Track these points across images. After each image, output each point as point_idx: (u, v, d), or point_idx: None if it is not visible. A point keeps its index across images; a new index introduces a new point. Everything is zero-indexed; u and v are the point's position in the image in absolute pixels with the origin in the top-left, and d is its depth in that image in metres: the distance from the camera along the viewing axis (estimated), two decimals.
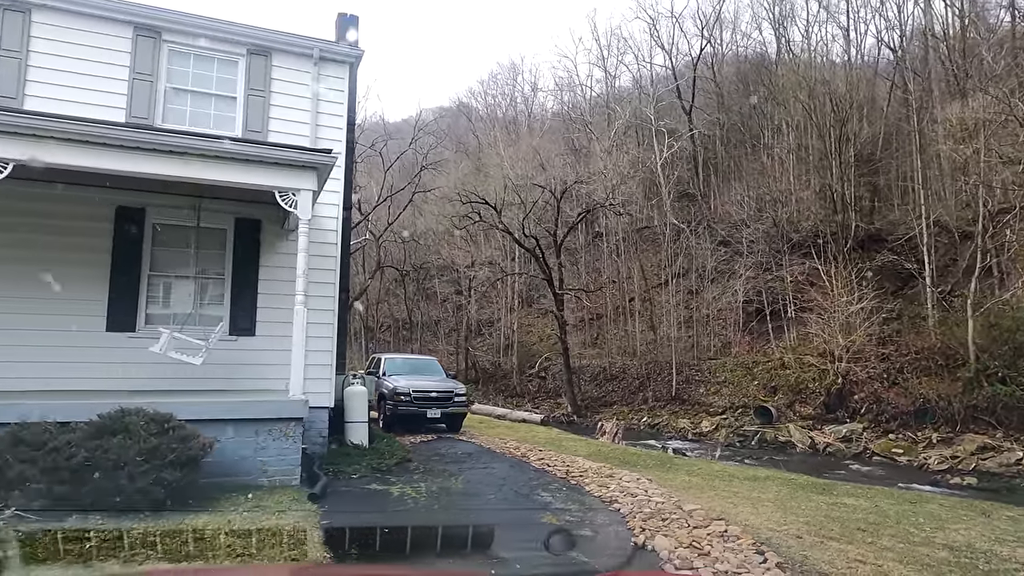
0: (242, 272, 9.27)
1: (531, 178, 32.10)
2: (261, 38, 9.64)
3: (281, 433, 7.01)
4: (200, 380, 8.49)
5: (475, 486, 7.78)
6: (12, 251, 8.08)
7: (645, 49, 56.39)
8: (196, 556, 4.30)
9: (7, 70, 8.45)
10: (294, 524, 5.26)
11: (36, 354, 7.97)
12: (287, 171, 7.34)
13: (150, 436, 5.73)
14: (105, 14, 8.87)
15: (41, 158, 6.59)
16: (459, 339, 38.53)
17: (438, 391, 14.06)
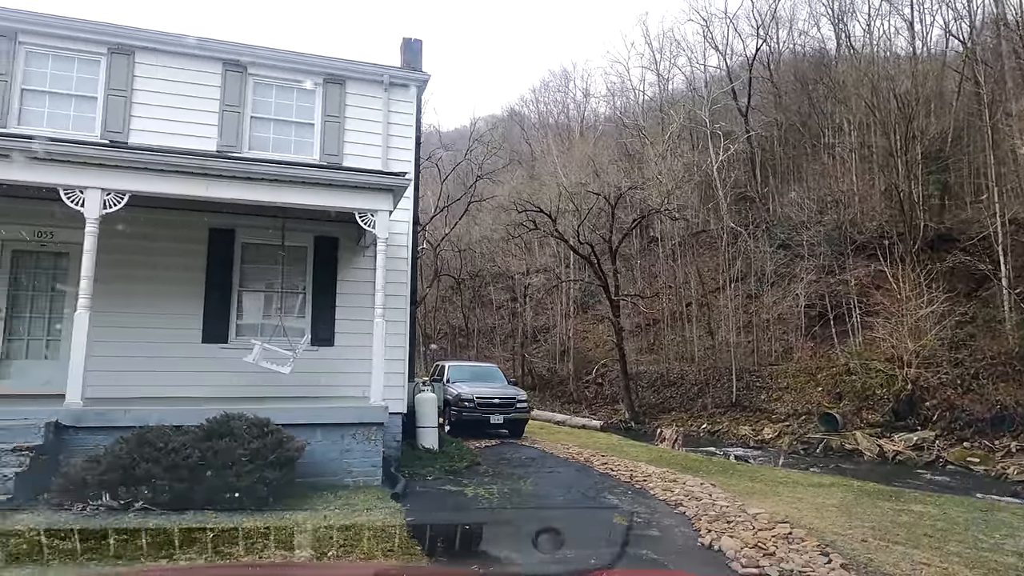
0: (321, 286, 9.95)
1: (585, 185, 32.30)
2: (336, 67, 10.33)
3: (364, 437, 7.57)
4: (285, 387, 9.15)
5: (543, 488, 8.15)
6: (123, 271, 8.92)
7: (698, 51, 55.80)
8: (304, 547, 4.82)
9: (115, 108, 9.37)
10: (383, 520, 5.75)
11: (143, 364, 8.80)
12: (366, 193, 7.92)
13: (253, 439, 6.35)
14: (199, 53, 9.72)
15: (151, 189, 7.37)
16: (515, 345, 38.98)
17: (500, 397, 14.50)
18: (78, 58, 9.50)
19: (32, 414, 6.65)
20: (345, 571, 3.27)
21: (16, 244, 9.04)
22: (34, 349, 9.07)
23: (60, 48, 9.47)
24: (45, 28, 9.36)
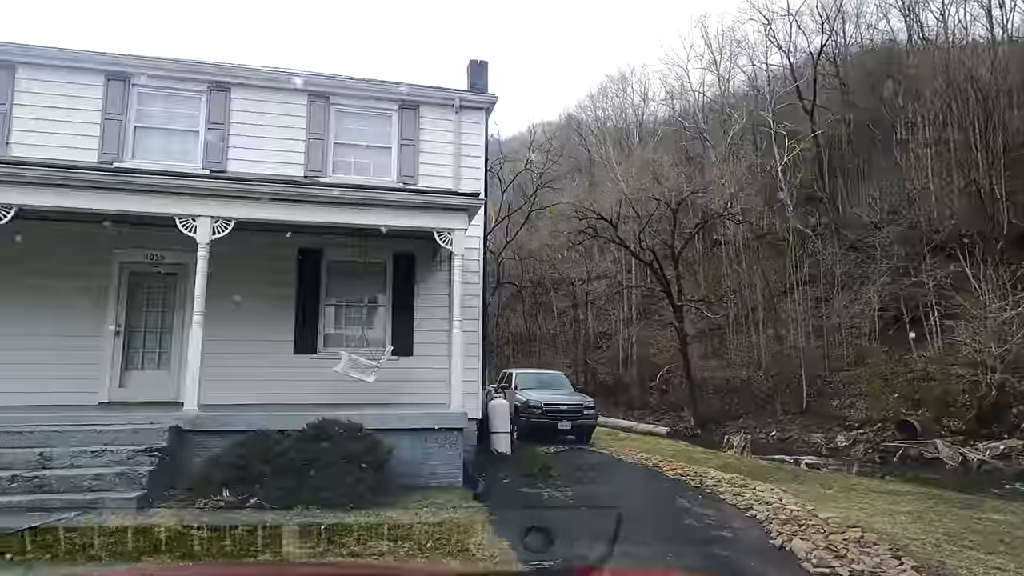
0: (400, 300, 10.61)
1: (645, 191, 32.29)
2: (410, 93, 11.01)
3: (446, 441, 8.11)
4: (368, 395, 9.81)
5: (615, 491, 8.49)
6: (225, 289, 9.77)
7: (760, 50, 54.62)
8: (404, 538, 5.34)
9: (215, 140, 10.31)
10: (469, 517, 6.24)
11: (243, 374, 9.62)
12: (443, 214, 8.49)
13: (349, 442, 6.96)
14: (288, 86, 10.58)
15: (253, 215, 8.15)
16: (577, 352, 39.18)
17: (568, 404, 14.87)
18: (181, 96, 10.51)
19: (157, 419, 7.47)
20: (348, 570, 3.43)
21: (132, 267, 10.06)
22: (148, 360, 10.07)
23: (165, 88, 10.51)
24: (153, 70, 10.41)
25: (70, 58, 10.32)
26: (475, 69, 12.95)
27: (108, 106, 10.16)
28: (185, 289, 10.02)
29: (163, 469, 6.86)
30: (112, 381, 9.69)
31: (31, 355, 9.02)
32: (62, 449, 6.77)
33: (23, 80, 10.08)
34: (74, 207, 7.88)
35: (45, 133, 9.88)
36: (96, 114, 10.13)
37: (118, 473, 6.57)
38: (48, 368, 9.17)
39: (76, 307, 9.60)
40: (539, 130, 48.57)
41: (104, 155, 10.01)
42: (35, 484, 6.37)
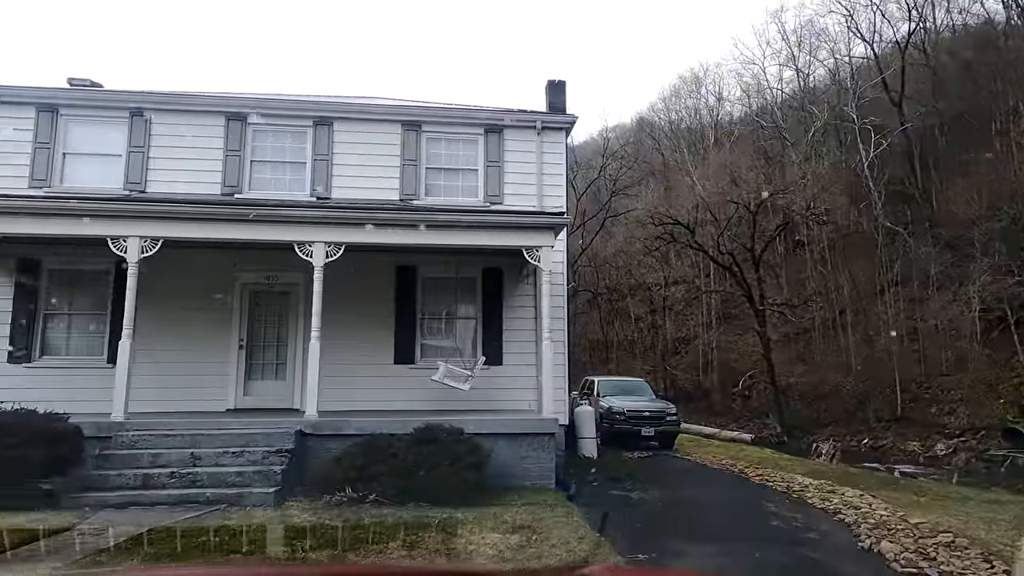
0: (489, 312, 11.28)
1: (723, 194, 31.86)
2: (495, 118, 11.71)
3: (539, 445, 8.66)
4: (462, 401, 10.48)
5: (701, 494, 8.78)
6: (333, 305, 10.73)
7: (841, 42, 52.63)
8: (511, 531, 5.92)
9: (320, 170, 11.35)
10: (565, 515, 6.75)
11: (349, 383, 10.50)
12: (531, 232, 9.08)
13: (452, 445, 7.63)
14: (384, 117, 11.52)
15: (359, 240, 9.00)
16: (656, 358, 38.94)
17: (651, 411, 15.13)
18: (290, 131, 11.62)
19: (283, 424, 8.42)
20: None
21: (251, 287, 11.21)
22: (267, 371, 11.16)
23: (276, 125, 11.65)
24: (265, 109, 11.58)
25: (195, 103, 11.64)
26: (553, 88, 13.54)
27: (228, 144, 11.38)
28: (297, 305, 11.08)
29: (292, 468, 7.75)
30: (238, 390, 10.83)
31: (172, 367, 10.23)
32: (208, 450, 7.78)
33: (156, 124, 11.44)
34: (209, 237, 8.99)
35: (176, 171, 11.18)
36: (219, 151, 11.36)
37: (255, 471, 7.50)
38: (185, 379, 10.39)
39: (206, 324, 10.82)
40: (610, 134, 48.53)
41: (226, 188, 11.21)
42: (189, 480, 7.38)
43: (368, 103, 11.94)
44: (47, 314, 10.92)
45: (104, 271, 10.77)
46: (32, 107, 11.30)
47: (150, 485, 7.26)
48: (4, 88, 11.32)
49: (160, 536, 5.35)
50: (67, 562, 4.67)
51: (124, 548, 5.01)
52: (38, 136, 11.22)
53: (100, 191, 10.89)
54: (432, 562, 4.86)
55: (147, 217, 8.69)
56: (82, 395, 9.32)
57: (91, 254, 10.23)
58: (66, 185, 11.09)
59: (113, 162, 11.28)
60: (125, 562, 4.65)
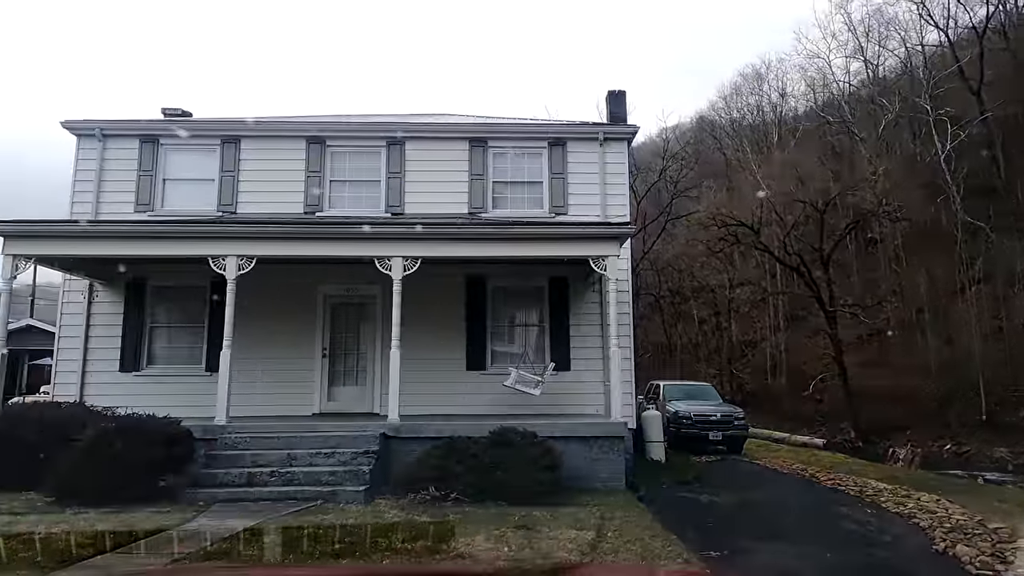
0: (556, 319, 11.67)
1: (789, 193, 31.17)
2: (558, 131, 12.11)
3: (609, 448, 8.97)
4: (531, 406, 10.85)
5: (771, 497, 8.88)
6: (406, 315, 11.35)
7: (913, 30, 50.42)
8: (586, 528, 6.26)
9: (394, 187, 12.02)
10: (638, 516, 7.04)
11: (424, 388, 11.05)
12: (597, 243, 9.42)
13: (526, 448, 8.04)
14: (451, 135, 12.10)
15: (432, 253, 9.55)
16: (721, 361, 38.33)
17: (718, 415, 15.15)
18: (365, 151, 12.35)
19: (367, 427, 9.03)
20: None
21: (332, 298, 11.96)
22: (348, 377, 11.88)
23: (353, 145, 12.40)
24: (343, 132, 12.36)
25: (279, 129, 12.53)
26: (613, 99, 13.86)
27: (309, 165, 12.20)
28: (374, 315, 11.75)
29: (378, 468, 8.33)
30: (322, 395, 11.58)
31: (269, 375, 11.06)
32: (302, 451, 8.45)
33: (245, 150, 12.38)
34: (297, 254, 9.74)
35: (263, 192, 12.08)
36: (300, 173, 12.20)
37: (346, 471, 8.11)
38: (274, 385, 11.22)
39: (292, 335, 11.63)
40: (669, 133, 47.96)
41: (308, 207, 12.03)
42: (287, 478, 8.05)
43: (436, 122, 12.55)
44: (152, 327, 11.97)
45: (200, 287, 11.73)
46: (136, 139, 12.43)
47: (254, 483, 7.97)
48: (112, 123, 12.50)
49: (273, 528, 5.97)
50: (197, 549, 5.31)
51: (244, 538, 5.63)
52: (141, 164, 12.33)
53: (196, 213, 11.88)
54: (518, 552, 5.26)
55: (243, 237, 9.49)
56: (183, 400, 10.20)
57: (189, 272, 11.19)
58: (166, 208, 12.15)
59: (207, 186, 12.27)
60: (248, 550, 5.26)
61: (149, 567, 4.72)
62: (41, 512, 6.97)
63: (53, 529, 5.97)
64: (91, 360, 11.73)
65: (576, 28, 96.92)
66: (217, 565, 4.76)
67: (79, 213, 12.01)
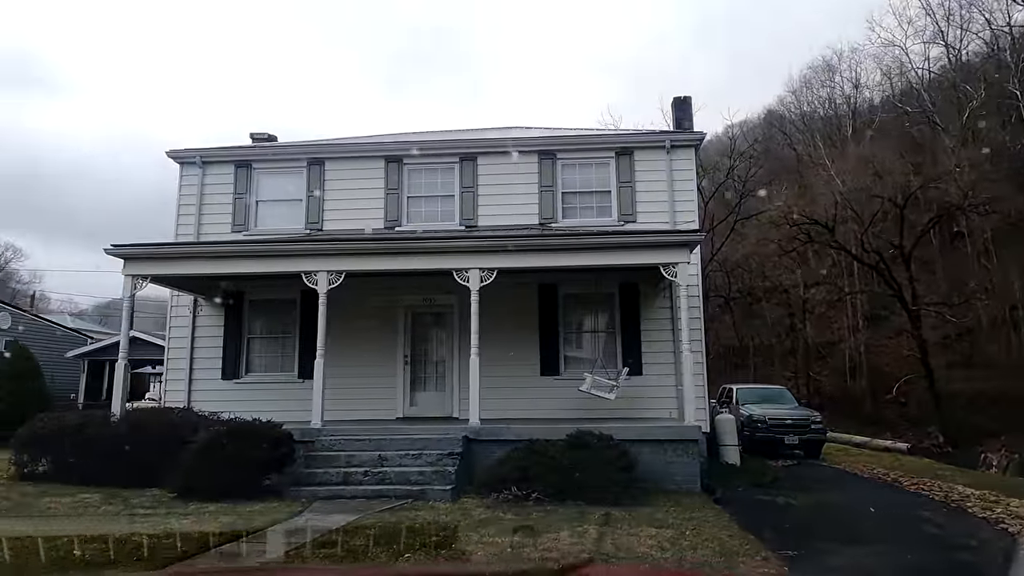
0: (627, 325, 11.93)
1: (866, 188, 30.07)
2: (625, 140, 12.40)
3: (683, 451, 9.18)
4: (604, 410, 11.13)
5: (850, 501, 8.85)
6: (485, 321, 11.84)
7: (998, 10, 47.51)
8: (664, 527, 6.54)
9: (467, 201, 12.59)
10: (715, 516, 7.25)
11: (501, 393, 11.51)
12: (667, 250, 9.66)
13: (602, 450, 8.36)
14: (521, 148, 12.57)
15: (507, 264, 10.01)
16: (796, 363, 37.24)
17: (794, 418, 14.96)
18: (439, 168, 12.99)
19: (450, 431, 9.57)
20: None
21: (412, 308, 12.62)
22: (428, 383, 12.51)
23: (428, 163, 13.06)
24: (418, 150, 13.02)
25: (359, 149, 13.35)
26: (679, 105, 14.01)
27: (388, 183, 12.94)
28: (452, 323, 12.34)
29: (461, 469, 8.83)
30: (404, 400, 12.25)
31: (349, 381, 11.78)
32: (391, 452, 9.06)
33: (329, 171, 13.25)
34: (381, 268, 10.41)
35: (347, 210, 12.90)
36: (380, 190, 12.95)
37: (433, 471, 8.66)
38: (360, 391, 11.95)
39: (375, 343, 12.35)
40: (736, 130, 46.88)
41: (388, 222, 12.75)
42: (379, 478, 8.67)
43: (506, 137, 13.06)
44: (249, 338, 12.96)
45: (291, 300, 12.64)
46: (231, 164, 13.50)
47: (349, 481, 8.62)
48: (210, 151, 13.62)
49: (374, 522, 6.55)
50: (311, 540, 5.93)
51: (349, 531, 6.22)
52: (236, 188, 13.38)
53: (287, 231, 12.82)
54: (601, 547, 5.61)
55: (332, 254, 10.23)
56: (278, 405, 11.00)
57: (280, 286, 12.12)
58: (260, 228, 13.14)
59: (295, 205, 13.21)
60: (355, 541, 5.82)
61: (274, 554, 5.33)
62: (168, 506, 7.81)
63: (185, 521, 6.75)
64: (196, 369, 12.82)
65: (639, 24, 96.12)
66: (330, 553, 5.33)
67: (183, 235, 13.18)
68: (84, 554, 5.09)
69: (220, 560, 5.19)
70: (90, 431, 9.64)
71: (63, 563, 4.85)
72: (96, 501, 8.15)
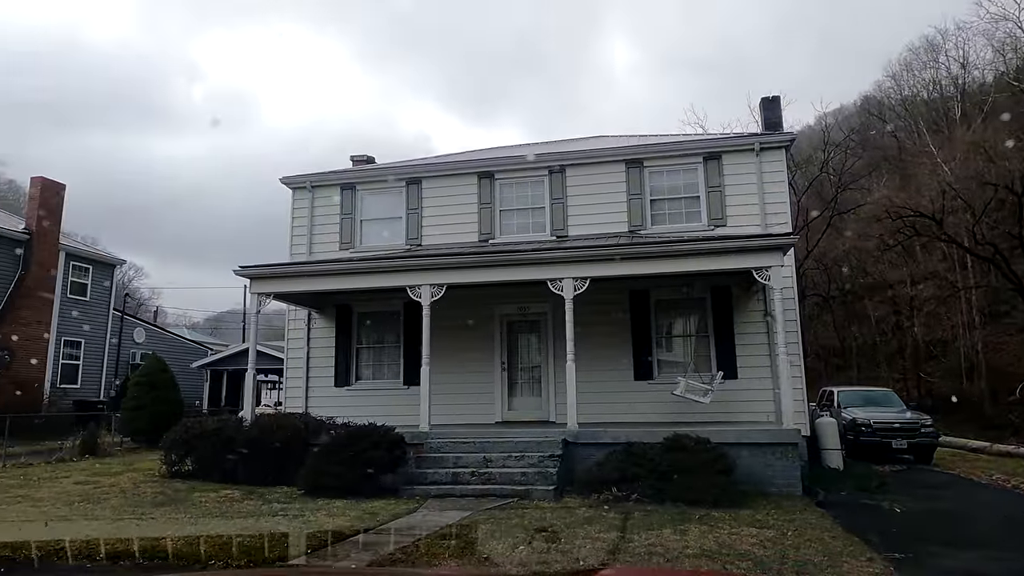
0: (721, 329, 11.98)
1: (977, 175, 28.12)
2: (712, 145, 12.48)
3: (782, 455, 9.20)
4: (698, 414, 11.24)
5: (963, 506, 8.57)
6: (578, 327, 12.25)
7: None
8: (766, 527, 6.69)
9: (557, 212, 13.05)
10: (817, 519, 7.29)
11: (595, 397, 11.85)
12: (760, 254, 9.71)
13: (700, 453, 8.55)
14: (609, 159, 12.91)
15: (598, 273, 10.35)
16: (904, 364, 35.20)
17: (901, 422, 14.40)
18: (529, 181, 13.52)
19: (549, 434, 10.02)
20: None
21: (507, 316, 13.20)
22: (524, 388, 13.03)
23: (517, 176, 13.63)
24: (508, 165, 13.63)
25: (454, 167, 14.10)
26: (768, 104, 13.90)
27: (481, 198, 13.61)
28: (546, 331, 12.81)
29: (562, 470, 9.26)
30: (502, 405, 12.83)
31: (451, 387, 12.47)
32: (496, 454, 9.61)
33: (426, 188, 14.08)
34: (479, 280, 11.01)
35: (443, 225, 13.67)
36: (474, 205, 13.64)
37: (535, 472, 9.13)
38: (461, 396, 12.62)
39: (474, 351, 13.00)
40: (830, 119, 44.77)
41: (482, 235, 13.41)
42: (485, 478, 9.23)
43: (594, 148, 13.42)
44: (358, 348, 13.96)
45: (395, 312, 13.53)
46: (337, 187, 14.60)
47: (458, 481, 9.24)
48: (318, 175, 14.79)
49: (487, 518, 7.10)
50: (432, 533, 6.52)
51: (466, 525, 6.78)
52: (343, 209, 14.46)
53: (389, 248, 13.73)
54: (703, 544, 5.87)
55: (434, 268, 10.93)
56: (385, 411, 11.82)
57: (385, 299, 13.00)
58: (364, 245, 14.13)
59: (396, 223, 14.12)
60: (471, 534, 6.37)
61: (403, 544, 5.95)
62: (301, 502, 8.67)
63: (319, 515, 7.55)
64: (312, 377, 13.94)
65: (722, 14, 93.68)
66: (453, 545, 5.89)
67: (297, 254, 14.38)
68: (246, 542, 5.90)
69: (361, 551, 5.86)
70: (226, 434, 10.77)
71: (243, 549, 5.65)
72: (237, 496, 9.14)
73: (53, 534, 6.24)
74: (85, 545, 5.62)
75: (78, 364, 25.00)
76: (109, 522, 7.28)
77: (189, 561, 5.43)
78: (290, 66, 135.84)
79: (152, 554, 5.56)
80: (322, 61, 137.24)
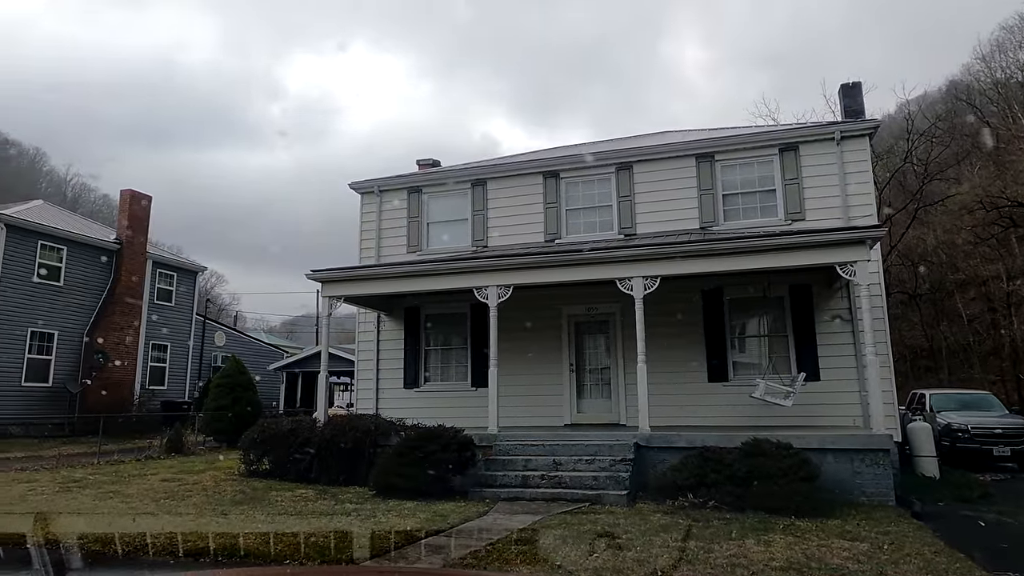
0: (801, 328, 11.38)
1: None
2: (788, 136, 11.89)
3: (872, 461, 8.61)
4: (777, 417, 10.72)
5: None
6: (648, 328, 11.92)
7: None
8: (859, 540, 6.24)
9: (625, 210, 12.76)
10: (914, 532, 6.75)
11: (668, 400, 11.48)
12: (843, 248, 9.15)
13: (781, 459, 8.10)
14: (677, 153, 12.53)
15: (671, 271, 10.02)
16: (1001, 365, 32.74)
17: (1004, 427, 13.32)
18: (595, 179, 13.28)
19: (621, 437, 9.75)
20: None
21: (575, 317, 13.00)
22: (593, 391, 12.79)
23: (583, 175, 13.41)
24: (573, 164, 13.43)
25: (518, 168, 14.02)
26: (847, 91, 13.16)
27: (547, 198, 13.47)
28: (615, 332, 12.53)
29: (634, 475, 8.98)
30: (571, 408, 12.63)
31: (519, 389, 12.37)
32: (566, 457, 9.43)
33: (491, 190, 14.06)
34: (547, 281, 10.87)
35: (508, 226, 13.60)
36: (539, 205, 13.52)
37: (607, 476, 8.90)
38: (530, 398, 12.50)
39: (542, 352, 12.86)
40: (913, 106, 42.16)
41: (548, 235, 13.26)
42: (555, 481, 9.07)
43: (661, 143, 13.06)
44: (426, 350, 14.07)
45: (462, 313, 13.55)
46: (404, 191, 14.78)
47: (527, 484, 9.11)
48: (385, 180, 15.02)
49: (558, 523, 6.94)
50: (503, 538, 6.42)
51: (536, 530, 6.65)
52: (409, 212, 14.62)
53: (455, 250, 13.77)
54: (790, 556, 5.51)
55: (500, 269, 10.87)
56: (453, 412, 11.83)
57: (452, 300, 13.03)
58: (431, 248, 14.24)
59: (462, 225, 14.16)
60: (543, 540, 6.23)
61: (473, 547, 5.87)
62: (372, 503, 8.74)
63: (390, 515, 7.58)
64: (382, 379, 14.15)
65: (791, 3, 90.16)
66: (524, 550, 5.76)
67: (366, 258, 14.64)
68: (320, 541, 5.97)
69: (432, 553, 5.82)
70: (301, 435, 11.02)
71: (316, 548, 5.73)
72: (311, 496, 9.32)
73: (139, 528, 6.50)
74: (168, 541, 5.81)
75: (164, 366, 26.40)
76: (192, 519, 7.54)
77: (265, 559, 5.53)
78: (361, 78, 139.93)
79: (231, 551, 5.69)
80: (391, 73, 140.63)
